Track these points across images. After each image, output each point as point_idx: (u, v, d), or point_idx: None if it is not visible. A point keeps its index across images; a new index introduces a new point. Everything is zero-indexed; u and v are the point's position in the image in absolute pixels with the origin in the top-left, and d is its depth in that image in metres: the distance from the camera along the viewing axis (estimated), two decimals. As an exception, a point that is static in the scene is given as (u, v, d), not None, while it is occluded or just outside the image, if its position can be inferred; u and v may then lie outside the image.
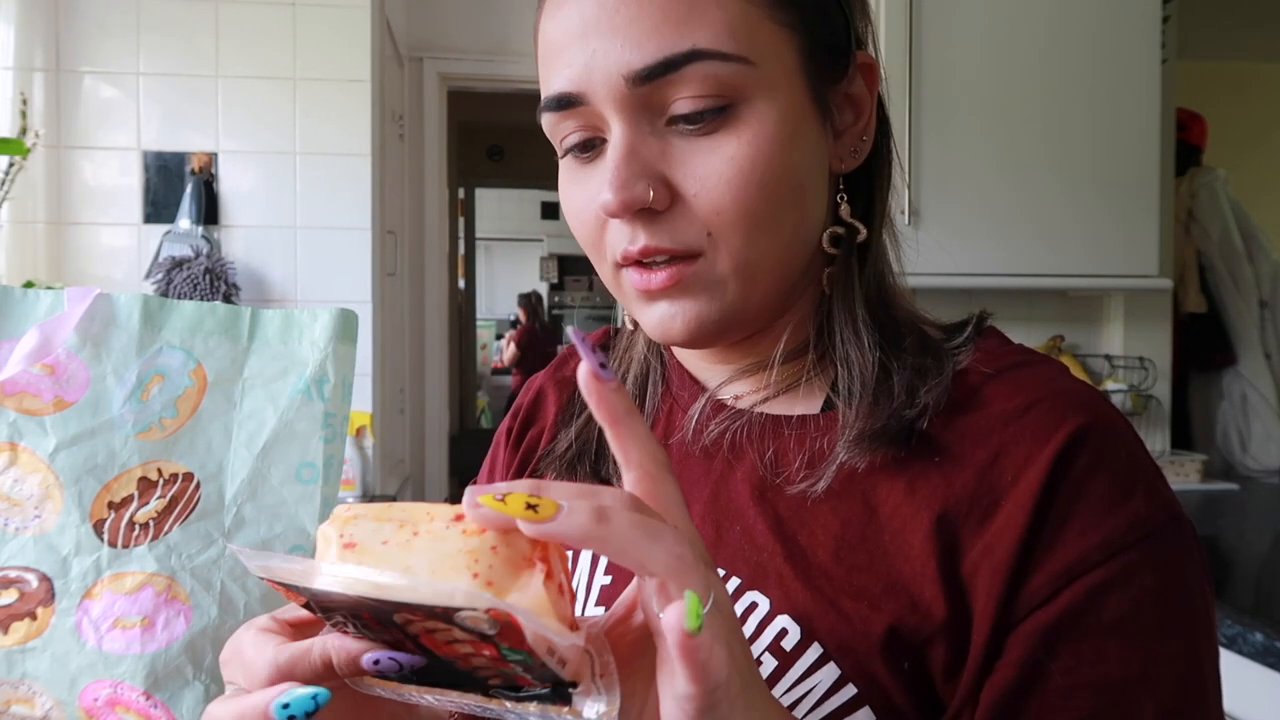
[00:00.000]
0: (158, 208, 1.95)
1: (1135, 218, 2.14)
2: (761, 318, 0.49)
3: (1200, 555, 0.44)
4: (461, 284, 5.90)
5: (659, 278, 0.46)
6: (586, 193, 0.47)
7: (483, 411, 6.53)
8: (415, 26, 2.73)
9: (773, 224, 0.46)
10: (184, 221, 1.92)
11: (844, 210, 0.50)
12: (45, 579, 0.74)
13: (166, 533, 0.76)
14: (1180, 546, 0.43)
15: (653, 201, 0.44)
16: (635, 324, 0.54)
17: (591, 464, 0.55)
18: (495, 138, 5.81)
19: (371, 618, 0.32)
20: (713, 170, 0.44)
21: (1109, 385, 2.32)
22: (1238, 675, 1.24)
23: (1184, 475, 2.29)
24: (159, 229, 1.93)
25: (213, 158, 1.98)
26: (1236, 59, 3.61)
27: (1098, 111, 2.13)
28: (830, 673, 0.42)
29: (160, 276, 1.86)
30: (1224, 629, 1.23)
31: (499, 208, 7.89)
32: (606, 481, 0.53)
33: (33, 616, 0.74)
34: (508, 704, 0.33)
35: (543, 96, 0.48)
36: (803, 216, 0.48)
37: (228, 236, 1.97)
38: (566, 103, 0.46)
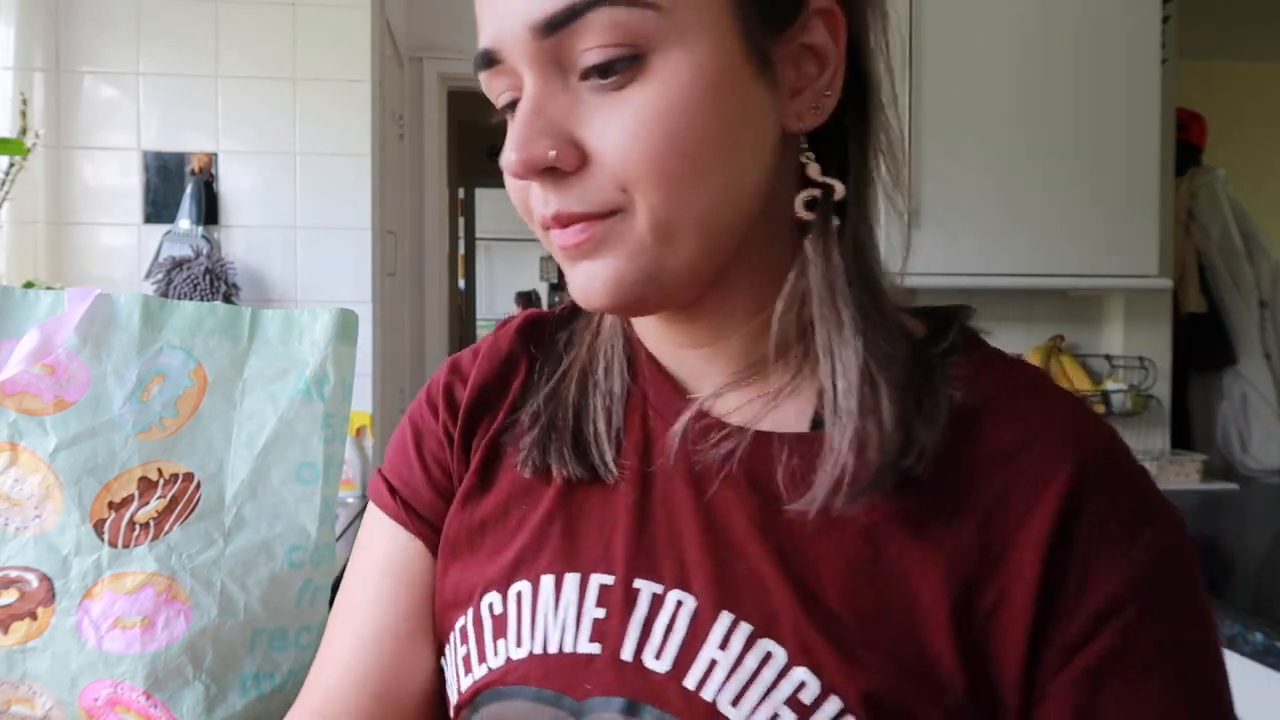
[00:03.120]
0: (158, 208, 1.95)
1: (1135, 217, 2.14)
2: (692, 284, 0.45)
3: (1200, 575, 0.44)
4: (461, 284, 5.90)
5: (576, 236, 0.43)
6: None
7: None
8: (415, 26, 2.73)
9: (692, 181, 0.42)
10: (184, 221, 1.92)
11: (812, 169, 0.46)
12: (45, 579, 0.74)
13: (167, 533, 0.76)
14: (1190, 555, 0.42)
15: (558, 161, 0.41)
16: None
17: (572, 436, 0.50)
18: (495, 138, 5.75)
19: None
20: (621, 124, 0.41)
21: (1109, 385, 2.33)
22: (1238, 675, 1.23)
23: (1184, 475, 2.29)
24: (159, 229, 1.93)
25: (213, 158, 1.98)
26: (1237, 59, 3.61)
27: (1098, 111, 2.13)
28: None
29: (160, 277, 1.86)
30: (1224, 629, 1.23)
31: (499, 208, 7.88)
32: (586, 453, 0.49)
33: (33, 616, 0.74)
34: None
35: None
36: (735, 176, 0.43)
37: (228, 236, 1.97)
38: (487, 61, 0.44)
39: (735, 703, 0.41)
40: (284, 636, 0.78)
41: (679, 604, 0.44)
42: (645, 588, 0.44)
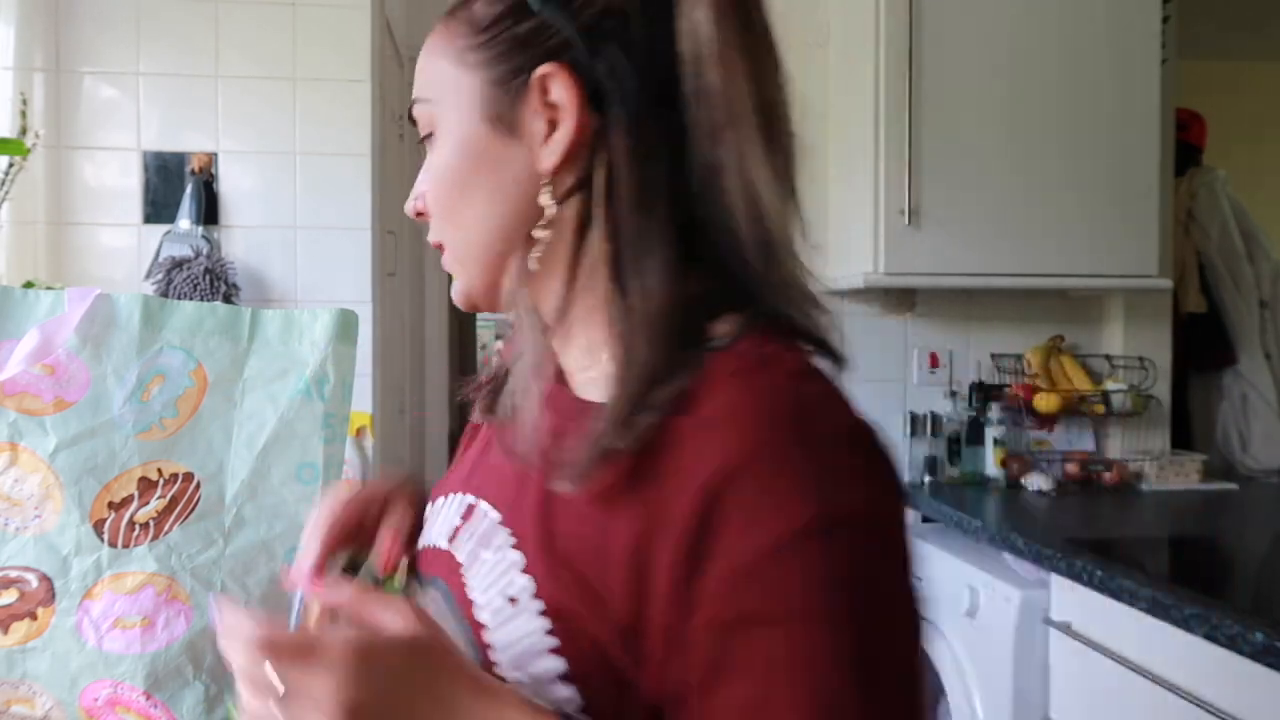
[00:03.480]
0: (157, 208, 1.95)
1: (1135, 217, 2.14)
2: (496, 294, 0.59)
3: (876, 550, 0.47)
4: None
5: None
6: None
7: (483, 411, 6.51)
8: (415, 26, 2.73)
9: (457, 218, 0.59)
10: (184, 222, 1.92)
11: (542, 198, 0.55)
12: (45, 579, 0.74)
13: (167, 532, 0.76)
14: (847, 545, 0.45)
15: (422, 208, 0.61)
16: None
17: (491, 394, 0.68)
18: (495, 138, 5.80)
19: None
20: (424, 180, 0.61)
21: (1109, 385, 2.33)
22: (1238, 675, 1.24)
23: (1184, 475, 2.29)
24: (159, 229, 1.93)
25: (213, 158, 1.97)
26: (1237, 58, 3.61)
27: (1098, 111, 2.13)
28: (542, 624, 0.51)
29: (160, 277, 1.86)
30: (1224, 629, 1.23)
31: None
32: (494, 407, 0.67)
33: (33, 616, 0.74)
34: None
35: None
36: (491, 211, 0.57)
37: (227, 236, 1.97)
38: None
39: (483, 590, 0.55)
40: None
41: (488, 516, 0.59)
42: (480, 506, 0.61)
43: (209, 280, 1.84)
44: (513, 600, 0.53)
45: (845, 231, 2.24)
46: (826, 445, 0.47)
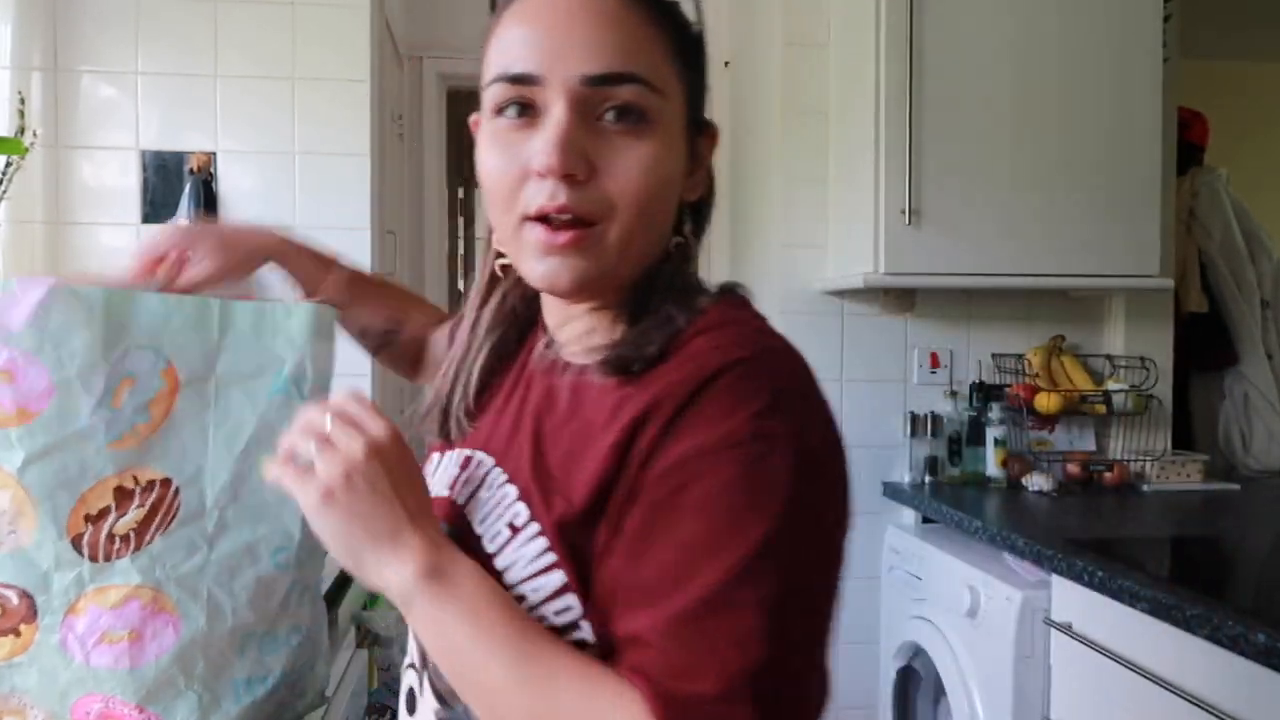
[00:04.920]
0: (156, 207, 1.95)
1: (1137, 217, 2.13)
2: (615, 284, 0.63)
3: (802, 470, 0.53)
4: (461, 284, 5.89)
5: (564, 237, 0.59)
6: (514, 152, 0.60)
7: (483, 411, 6.51)
8: (414, 26, 2.72)
9: (651, 214, 0.61)
10: (182, 221, 1.92)
11: (687, 229, 0.67)
12: (26, 595, 0.71)
13: (148, 543, 0.73)
14: (769, 456, 0.53)
15: (579, 170, 0.58)
16: (499, 276, 0.73)
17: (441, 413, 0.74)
18: (495, 137, 5.79)
19: None
20: (625, 163, 0.59)
21: (1110, 385, 2.32)
22: (1240, 676, 1.23)
23: (1185, 476, 2.29)
24: (158, 229, 1.92)
25: (211, 157, 1.97)
26: (1238, 58, 3.60)
27: (1099, 110, 2.12)
28: (539, 544, 0.59)
29: (159, 276, 1.85)
30: (1225, 629, 1.22)
31: None
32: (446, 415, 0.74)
33: (15, 633, 0.72)
34: None
35: (495, 69, 0.61)
36: (665, 218, 0.64)
37: (227, 236, 1.96)
38: (526, 80, 0.59)
39: (482, 522, 0.63)
40: (274, 639, 0.77)
41: (485, 463, 0.67)
42: (476, 455, 0.68)
43: (208, 280, 1.84)
44: (512, 526, 0.61)
45: (845, 231, 2.24)
46: (777, 380, 0.56)
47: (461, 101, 3.02)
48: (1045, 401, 2.24)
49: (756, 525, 0.51)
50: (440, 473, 0.71)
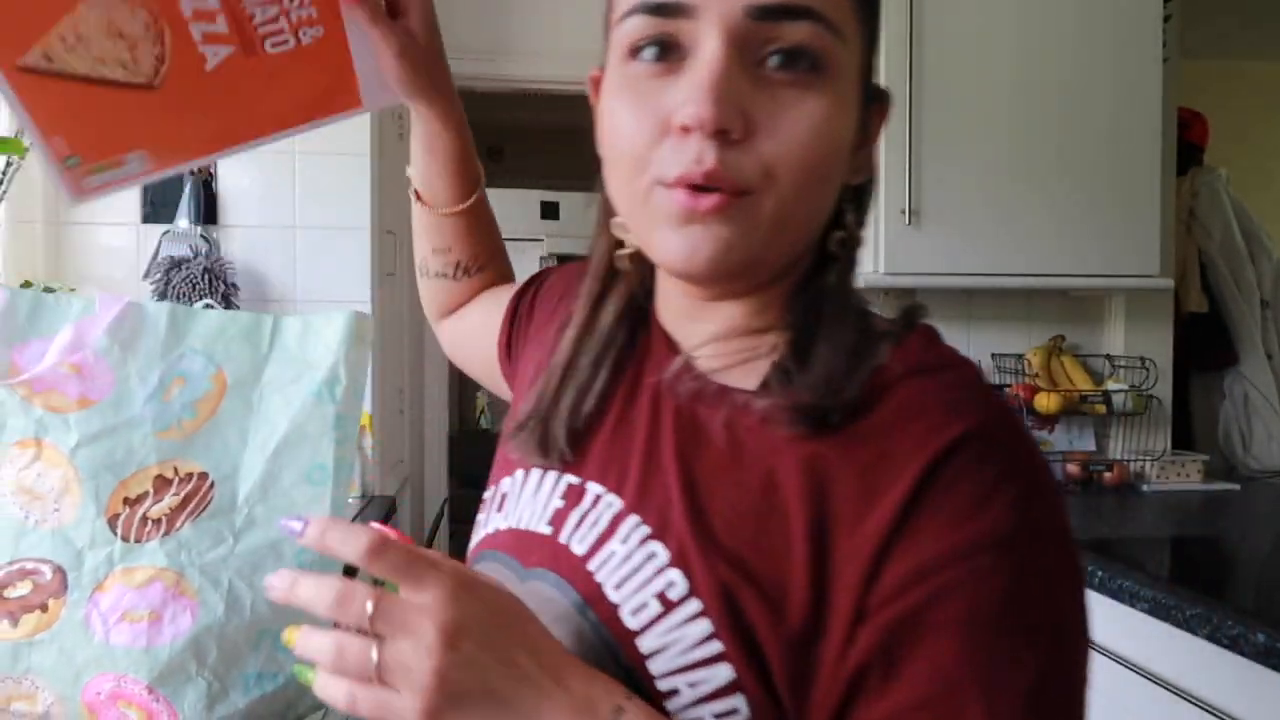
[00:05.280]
0: (156, 207, 1.95)
1: (1136, 217, 2.13)
2: (760, 275, 0.52)
3: (1068, 569, 0.45)
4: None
5: (711, 200, 0.46)
6: (651, 103, 0.47)
7: (482, 412, 6.52)
8: (415, 26, 2.72)
9: (814, 186, 0.48)
10: (182, 221, 1.92)
11: (850, 219, 0.54)
12: (59, 571, 0.76)
13: (178, 529, 0.77)
14: (1040, 557, 0.44)
15: (733, 127, 0.45)
16: (619, 270, 0.59)
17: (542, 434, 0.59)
18: (495, 138, 5.79)
19: None
20: (790, 120, 0.46)
21: (1110, 385, 2.32)
22: (1239, 676, 1.23)
23: (1185, 476, 2.29)
24: (157, 229, 1.92)
25: (211, 157, 1.97)
26: (1238, 57, 3.60)
27: (1099, 110, 2.12)
28: (703, 627, 0.46)
29: (159, 276, 1.85)
30: (1225, 629, 1.23)
31: (499, 207, 7.63)
32: (547, 430, 0.58)
33: (43, 608, 0.75)
34: None
35: (632, 1, 0.48)
36: (827, 197, 0.51)
37: (226, 236, 1.96)
38: (673, 10, 0.46)
39: (618, 587, 0.49)
40: None
41: (609, 504, 0.53)
42: (592, 489, 0.54)
43: (207, 280, 1.84)
44: (664, 599, 0.48)
45: (846, 231, 2.24)
46: (1023, 453, 0.46)
47: (461, 101, 3.01)
48: (1045, 401, 2.24)
49: (1033, 649, 0.42)
50: (528, 497, 0.57)
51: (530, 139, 4.83)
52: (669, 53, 0.47)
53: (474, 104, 0.66)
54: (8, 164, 1.63)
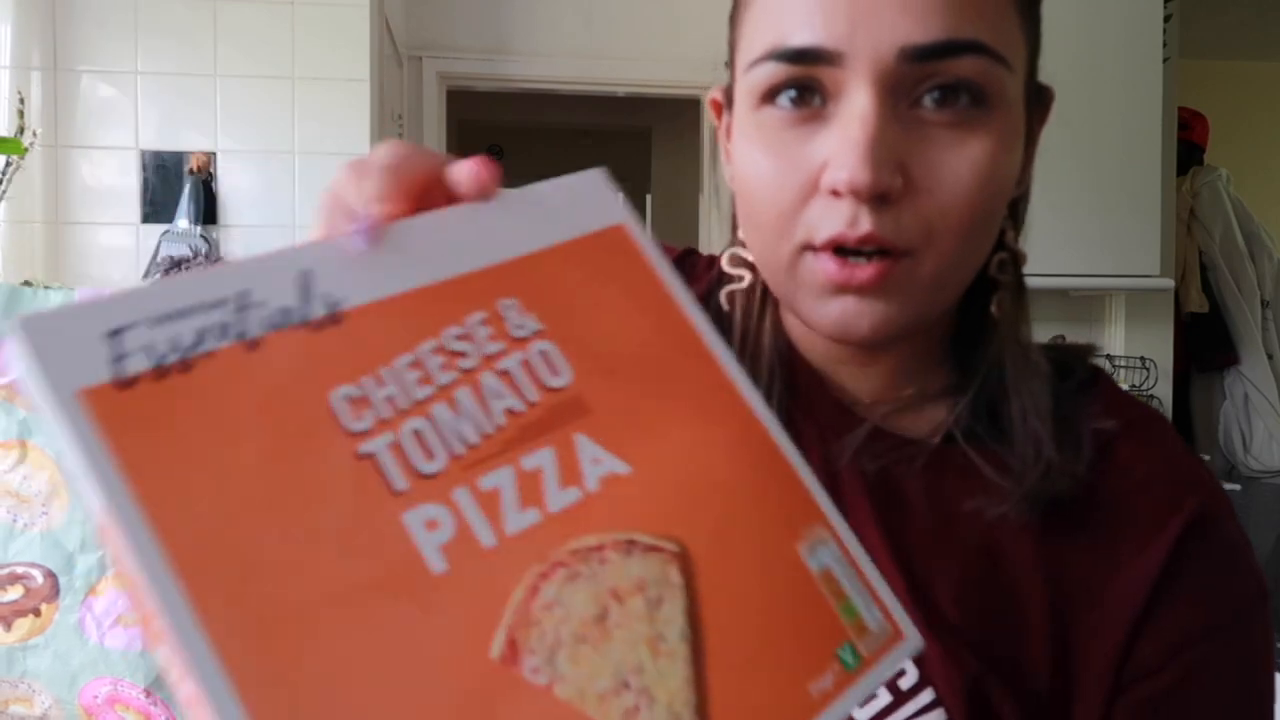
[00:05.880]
0: (156, 207, 1.95)
1: (1137, 217, 2.13)
2: (923, 327, 0.47)
3: (1270, 613, 0.46)
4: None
5: (866, 272, 0.41)
6: (797, 153, 0.42)
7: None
8: (414, 25, 2.72)
9: (979, 237, 0.43)
10: (182, 221, 1.92)
11: (1010, 237, 0.48)
12: (50, 575, 0.75)
13: None
14: (1267, 616, 0.45)
15: (891, 187, 0.40)
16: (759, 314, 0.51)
17: None
18: (495, 138, 5.80)
19: None
20: (953, 169, 0.41)
21: (1110, 385, 2.32)
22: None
23: (1186, 475, 2.28)
24: (157, 229, 1.92)
25: (211, 157, 1.97)
26: (1239, 57, 3.60)
27: (1099, 110, 2.12)
28: (937, 718, 0.43)
29: (159, 276, 1.85)
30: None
31: None
32: None
33: (36, 613, 0.75)
34: None
35: (765, 41, 0.42)
36: (990, 238, 0.45)
37: (226, 236, 1.96)
38: (815, 57, 0.40)
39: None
40: None
41: None
42: None
43: (207, 280, 1.84)
44: (894, 689, 0.44)
45: (846, 231, 2.24)
46: (1235, 518, 0.46)
47: (461, 101, 3.02)
48: (1046, 401, 2.24)
49: (1265, 709, 0.44)
50: None
51: (530, 139, 4.83)
52: (809, 96, 0.42)
53: (474, 104, 0.65)
54: (8, 164, 1.63)
